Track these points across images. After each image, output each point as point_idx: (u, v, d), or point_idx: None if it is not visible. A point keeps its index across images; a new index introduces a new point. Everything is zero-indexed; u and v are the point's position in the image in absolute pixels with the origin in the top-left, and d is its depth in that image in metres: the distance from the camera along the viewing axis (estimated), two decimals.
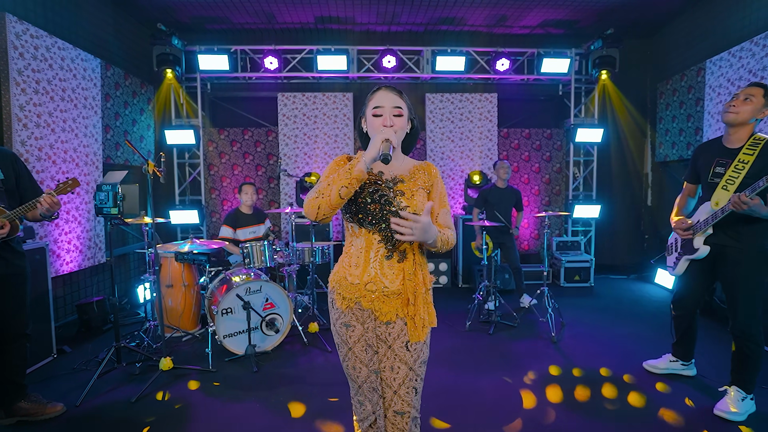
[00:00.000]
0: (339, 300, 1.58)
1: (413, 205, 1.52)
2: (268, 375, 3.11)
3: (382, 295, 1.54)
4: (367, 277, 1.54)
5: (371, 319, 1.57)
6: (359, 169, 1.41)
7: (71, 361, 3.26)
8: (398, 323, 1.56)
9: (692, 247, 2.66)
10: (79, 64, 4.05)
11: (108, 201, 2.84)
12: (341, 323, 1.60)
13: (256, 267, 3.62)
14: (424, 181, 1.61)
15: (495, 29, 5.97)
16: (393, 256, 1.54)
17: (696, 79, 4.94)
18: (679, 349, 2.95)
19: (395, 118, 1.54)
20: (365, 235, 1.55)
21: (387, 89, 1.57)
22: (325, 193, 1.42)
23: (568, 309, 4.52)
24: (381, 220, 1.52)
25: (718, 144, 2.55)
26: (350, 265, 1.58)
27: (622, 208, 6.44)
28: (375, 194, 1.52)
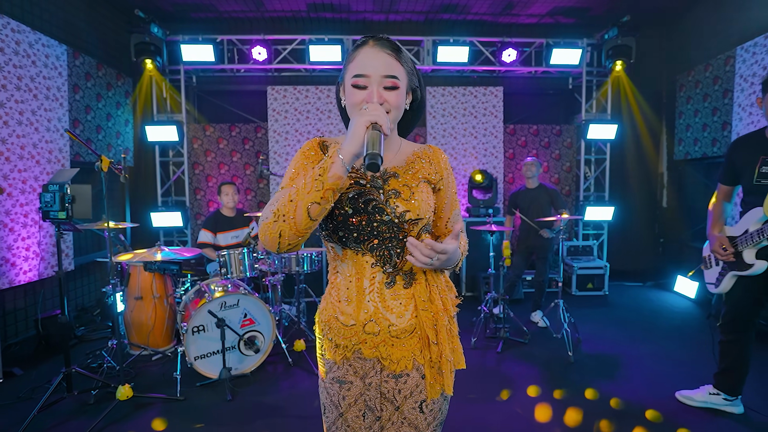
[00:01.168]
0: (331, 349, 1.15)
1: (414, 209, 1.08)
2: (245, 404, 2.69)
3: (389, 336, 1.10)
4: (365, 315, 1.11)
5: (376, 370, 1.13)
6: (336, 174, 0.94)
7: (19, 387, 2.84)
8: (413, 375, 1.12)
9: (743, 263, 2.25)
10: (40, 50, 3.63)
11: (54, 203, 2.43)
12: (333, 378, 1.15)
13: (234, 278, 3.20)
14: (427, 171, 1.15)
15: (500, 18, 5.54)
16: (396, 280, 1.10)
17: (724, 68, 4.50)
18: (724, 381, 2.48)
19: (387, 92, 1.05)
20: (352, 257, 1.11)
21: (375, 44, 1.06)
22: (288, 213, 0.95)
23: (582, 322, 4.09)
24: (371, 236, 1.08)
25: (761, 138, 2.17)
26: (339, 300, 1.14)
27: (636, 210, 6.01)
28: (358, 201, 1.07)
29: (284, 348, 3.28)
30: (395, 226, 1.09)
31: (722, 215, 2.42)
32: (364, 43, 1.07)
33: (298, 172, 1.09)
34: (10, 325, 3.49)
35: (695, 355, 3.37)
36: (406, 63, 1.09)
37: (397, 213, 1.08)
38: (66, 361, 2.58)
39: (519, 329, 3.89)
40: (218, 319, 2.82)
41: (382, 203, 1.08)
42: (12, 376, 3.02)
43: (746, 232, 2.24)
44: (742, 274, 2.28)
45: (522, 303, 4.79)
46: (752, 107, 4.02)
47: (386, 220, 1.08)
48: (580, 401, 2.70)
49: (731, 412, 2.48)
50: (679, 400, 2.64)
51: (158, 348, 3.43)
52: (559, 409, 2.61)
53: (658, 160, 6.03)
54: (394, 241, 1.09)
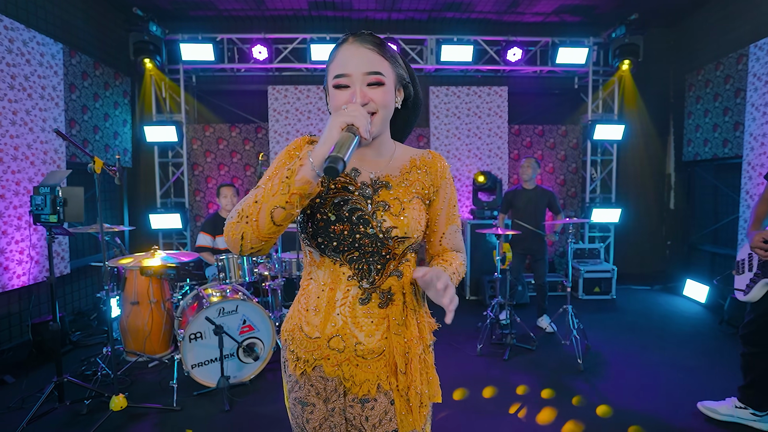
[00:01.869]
0: (292, 362, 1.05)
1: (402, 226, 0.99)
2: (243, 415, 2.59)
3: (354, 355, 1.01)
4: (331, 329, 1.02)
5: (338, 393, 1.03)
6: (303, 177, 0.86)
7: (10, 396, 2.75)
8: (381, 400, 1.02)
9: None
10: (35, 48, 3.54)
11: (45, 206, 2.33)
12: (295, 398, 1.07)
13: (233, 282, 3.11)
14: (423, 184, 1.07)
15: (505, 16, 5.44)
16: (371, 298, 1.01)
17: (736, 67, 4.39)
18: (749, 395, 2.35)
19: (372, 90, 0.95)
20: (329, 266, 1.02)
21: (355, 40, 0.97)
22: (251, 215, 0.89)
23: (590, 327, 3.98)
24: (352, 247, 0.99)
25: None
26: (308, 308, 1.05)
27: (643, 212, 5.89)
28: (343, 208, 0.99)
29: None
30: (379, 241, 0.99)
31: (765, 215, 2.26)
32: (343, 41, 0.98)
33: (276, 173, 0.98)
34: (3, 330, 3.39)
35: (711, 363, 3.25)
36: (392, 57, 0.99)
37: (383, 228, 0.99)
38: (58, 370, 2.48)
39: (526, 335, 3.78)
40: (216, 326, 2.72)
41: (368, 215, 0.99)
42: (3, 384, 2.93)
43: None
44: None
45: (527, 307, 4.68)
46: (766, 106, 3.91)
47: (370, 233, 0.99)
48: (593, 413, 2.59)
49: (759, 429, 2.35)
50: (701, 411, 2.51)
51: (155, 354, 3.33)
52: (572, 421, 2.50)
53: (666, 161, 5.92)
54: (376, 257, 1.01)
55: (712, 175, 5.00)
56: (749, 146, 4.11)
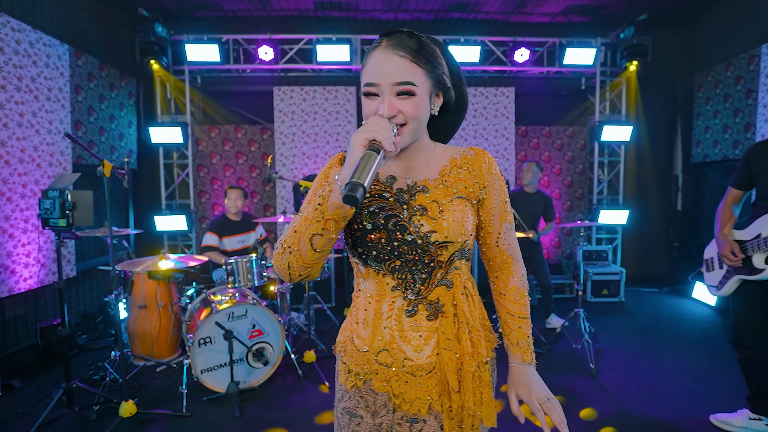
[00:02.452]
0: (343, 373, 1.04)
1: (442, 229, 0.93)
2: (253, 421, 2.56)
3: (402, 372, 0.97)
4: (379, 343, 0.98)
5: (387, 409, 0.99)
6: (334, 203, 0.82)
7: (18, 401, 2.72)
8: (431, 423, 0.98)
9: (752, 267, 2.18)
10: (41, 49, 3.52)
11: (54, 210, 2.30)
12: (343, 408, 1.04)
13: (242, 286, 3.07)
14: (466, 183, 0.99)
15: (512, 17, 5.41)
16: (418, 310, 0.97)
17: (747, 68, 4.35)
18: (758, 404, 2.32)
19: (401, 101, 0.88)
20: (374, 276, 0.99)
21: (388, 45, 0.89)
22: (293, 245, 0.88)
23: (601, 330, 3.94)
24: (392, 256, 0.95)
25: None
26: (357, 321, 1.03)
27: (650, 213, 5.85)
28: (379, 215, 0.95)
29: (294, 359, 3.14)
30: (419, 247, 0.95)
31: (731, 218, 2.36)
32: (378, 44, 0.92)
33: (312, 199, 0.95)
34: (9, 333, 3.37)
35: (723, 369, 3.21)
36: (429, 62, 0.90)
37: (421, 233, 0.94)
38: (66, 375, 2.45)
39: (536, 338, 3.74)
40: (226, 331, 2.69)
41: (404, 220, 0.95)
42: (11, 389, 2.90)
43: (759, 236, 2.18)
44: (751, 278, 2.20)
45: (534, 310, 4.63)
46: None
47: (408, 240, 0.95)
48: (608, 419, 2.55)
49: None
50: (714, 424, 2.47)
51: (162, 359, 3.31)
52: (588, 429, 2.47)
53: (673, 162, 5.88)
54: (419, 265, 0.96)
55: (722, 177, 4.95)
56: None
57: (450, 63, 0.98)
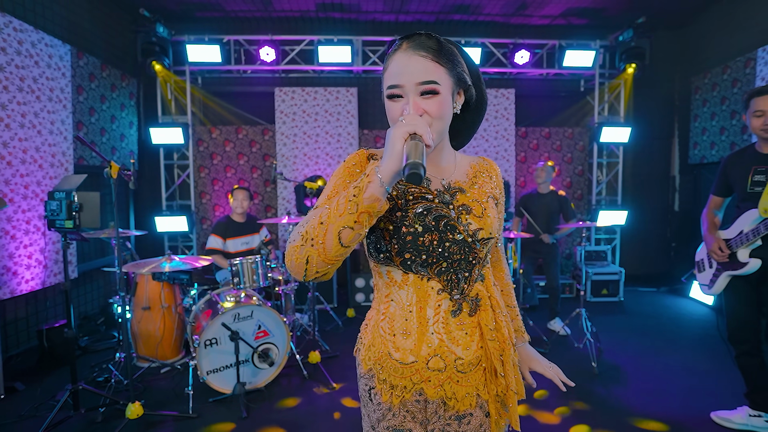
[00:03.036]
0: (385, 391, 1.00)
1: (487, 226, 0.98)
2: (260, 421, 2.56)
3: (455, 372, 0.98)
4: (428, 350, 0.98)
5: (438, 415, 1.01)
6: (372, 194, 0.81)
7: (22, 404, 2.70)
8: (477, 414, 1.01)
9: (737, 262, 2.28)
10: (43, 49, 3.50)
11: (61, 212, 2.29)
12: (387, 427, 1.01)
13: (247, 287, 3.07)
14: (490, 186, 1.06)
15: (512, 19, 5.44)
16: (462, 308, 0.99)
17: (743, 71, 4.41)
18: (757, 400, 2.37)
19: (426, 101, 0.91)
20: (415, 283, 0.98)
21: (409, 46, 0.91)
22: (317, 237, 0.83)
23: (601, 330, 3.97)
24: (440, 258, 0.96)
25: (752, 151, 2.29)
26: (393, 333, 1.00)
27: (648, 214, 5.90)
28: (427, 217, 0.95)
29: (299, 360, 3.15)
30: (467, 246, 0.98)
31: (714, 222, 2.49)
32: (398, 46, 0.94)
33: (337, 190, 0.96)
34: (11, 335, 3.35)
35: (723, 367, 3.25)
36: (450, 61, 0.93)
37: (470, 231, 0.97)
38: (72, 377, 2.44)
39: (538, 338, 3.78)
40: (232, 332, 2.69)
41: (453, 220, 0.97)
42: (14, 392, 2.88)
43: (741, 232, 2.28)
44: (736, 273, 2.29)
45: (538, 310, 4.67)
46: None
47: (459, 239, 0.97)
48: (611, 418, 2.58)
49: None
50: (715, 421, 2.51)
51: (167, 360, 3.30)
52: (592, 426, 2.49)
53: (671, 164, 5.93)
54: (463, 264, 0.99)
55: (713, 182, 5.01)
56: None
57: (468, 62, 1.00)
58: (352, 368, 3.31)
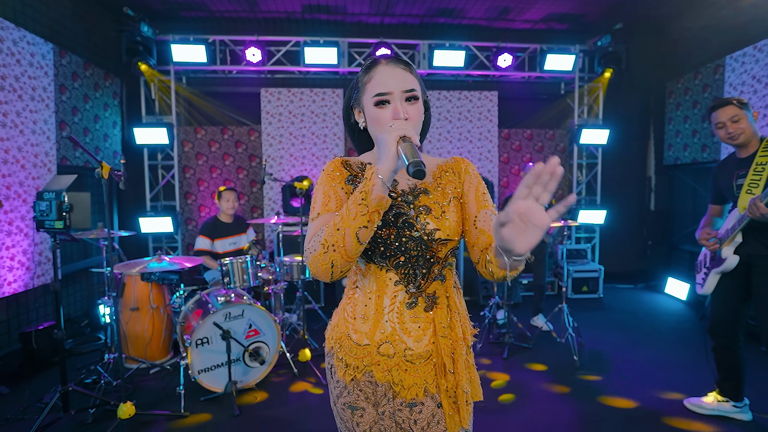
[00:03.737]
0: (341, 368, 1.10)
1: (445, 228, 1.05)
2: (253, 419, 2.59)
3: (403, 361, 1.05)
4: (381, 336, 1.06)
5: (388, 398, 1.08)
6: (377, 195, 0.91)
7: (7, 407, 2.67)
8: (428, 404, 1.07)
9: (720, 258, 2.40)
10: (25, 48, 3.45)
11: (51, 212, 2.28)
12: (344, 403, 1.11)
13: (237, 287, 3.09)
14: (454, 184, 1.12)
15: (495, 23, 5.57)
16: (418, 302, 1.06)
17: (713, 77, 4.63)
18: (726, 388, 2.52)
19: (409, 106, 1.04)
20: (375, 272, 1.08)
21: (391, 63, 1.06)
22: (337, 242, 0.93)
23: (582, 325, 4.11)
24: (398, 252, 1.05)
25: (733, 159, 2.44)
26: (354, 317, 1.10)
27: (626, 213, 6.11)
28: (388, 213, 1.05)
29: (289, 358, 3.18)
30: (423, 243, 1.05)
31: (711, 225, 2.60)
32: (375, 63, 1.08)
33: (329, 196, 1.06)
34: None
35: (696, 358, 3.42)
36: (418, 77, 1.10)
37: (427, 230, 1.05)
38: (62, 377, 2.43)
39: (522, 334, 3.89)
40: (224, 331, 2.71)
41: (412, 218, 1.05)
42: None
43: (726, 230, 2.41)
44: (720, 269, 2.40)
45: (521, 307, 4.81)
46: None
47: (415, 236, 1.05)
48: (592, 407, 2.70)
49: (741, 419, 2.50)
50: (688, 408, 2.66)
51: (156, 361, 3.29)
52: (573, 416, 2.60)
53: (647, 165, 6.16)
54: (421, 260, 1.06)
55: (691, 178, 5.24)
56: (725, 151, 4.34)
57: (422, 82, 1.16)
58: None
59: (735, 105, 2.30)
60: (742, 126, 2.28)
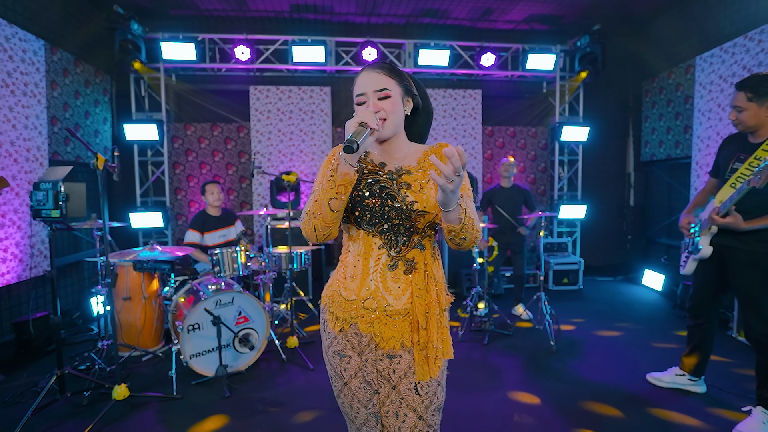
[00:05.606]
0: (331, 320, 1.29)
1: (422, 201, 1.21)
2: (243, 400, 2.71)
3: (384, 315, 1.22)
4: (366, 292, 1.24)
5: (370, 347, 1.25)
6: (342, 172, 1.14)
7: (3, 392, 2.76)
8: (405, 357, 1.24)
9: (697, 247, 2.50)
10: (17, 44, 3.52)
11: (47, 202, 2.38)
12: (334, 351, 1.29)
13: (227, 276, 3.21)
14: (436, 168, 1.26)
15: (479, 23, 5.74)
16: (398, 265, 1.23)
17: (685, 76, 4.85)
18: (688, 363, 2.71)
19: (382, 102, 1.24)
20: (363, 238, 1.26)
21: (369, 69, 1.26)
22: (316, 211, 1.18)
23: (560, 314, 4.30)
24: (382, 219, 1.22)
25: (743, 138, 2.36)
26: (345, 276, 1.29)
27: (606, 208, 6.33)
28: (374, 186, 1.24)
29: (278, 345, 3.31)
30: (404, 213, 1.21)
31: (702, 203, 2.60)
32: (362, 71, 1.28)
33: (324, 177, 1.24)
34: None
35: (664, 340, 3.63)
36: (400, 77, 1.27)
37: (407, 202, 1.21)
38: (59, 361, 2.53)
39: (503, 322, 4.06)
40: (214, 317, 2.83)
41: (394, 191, 1.23)
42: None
43: (704, 219, 2.46)
44: (696, 257, 2.52)
45: (503, 298, 4.98)
46: (710, 112, 4.36)
47: (396, 206, 1.22)
48: (563, 386, 2.87)
49: (695, 391, 2.71)
50: (649, 381, 2.86)
51: (148, 348, 3.39)
52: (545, 394, 2.77)
53: (626, 161, 6.38)
54: (402, 229, 1.23)
55: (666, 174, 5.47)
56: (697, 147, 4.56)
57: (416, 83, 1.35)
58: None
59: (744, 95, 2.20)
60: (742, 117, 2.23)
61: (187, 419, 2.49)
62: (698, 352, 2.66)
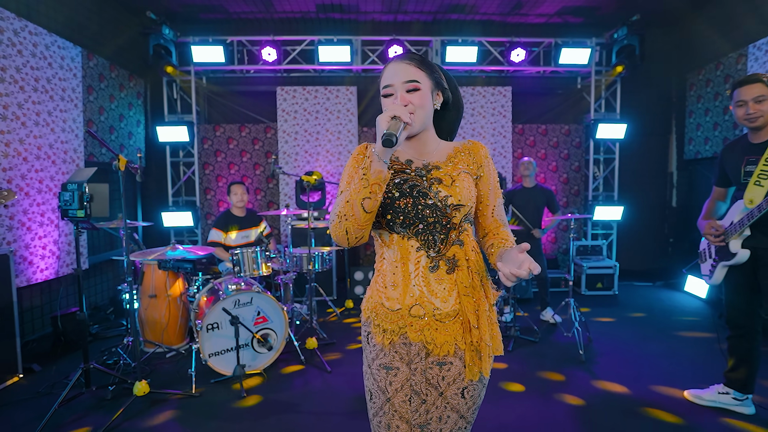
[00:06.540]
0: (378, 334, 1.22)
1: (456, 194, 1.16)
2: (259, 401, 2.72)
3: (433, 320, 1.17)
4: (410, 299, 1.18)
5: (420, 356, 1.19)
6: (376, 169, 1.07)
7: (38, 383, 2.90)
8: (455, 364, 1.18)
9: (729, 252, 2.34)
10: (56, 51, 3.69)
11: (73, 202, 2.47)
12: (379, 365, 1.22)
13: (247, 276, 3.24)
14: (467, 162, 1.23)
15: (509, 18, 5.55)
16: (439, 265, 1.17)
17: (735, 67, 4.48)
18: (733, 378, 2.48)
19: (410, 95, 1.16)
20: (398, 242, 1.19)
21: (397, 61, 1.19)
22: (348, 212, 1.10)
23: (592, 321, 4.09)
24: (416, 219, 1.16)
25: (745, 142, 2.32)
26: (385, 286, 1.22)
27: (645, 209, 5.98)
28: (404, 185, 1.17)
29: (296, 346, 3.31)
30: (438, 210, 1.15)
31: (714, 211, 2.54)
32: (390, 61, 1.21)
33: (352, 176, 1.19)
34: (27, 322, 3.55)
35: (707, 354, 3.36)
36: (430, 68, 1.20)
37: (440, 197, 1.16)
38: (84, 357, 2.62)
39: (529, 328, 3.90)
40: (232, 317, 2.86)
41: (425, 188, 1.16)
42: (31, 372, 3.08)
43: (732, 223, 2.34)
44: (730, 263, 2.35)
45: (530, 302, 4.79)
46: None
47: (430, 203, 1.15)
48: (590, 399, 2.70)
49: (742, 412, 2.46)
50: (687, 399, 2.64)
51: (172, 345, 3.48)
52: (571, 407, 2.62)
53: (668, 160, 6.00)
54: (438, 227, 1.17)
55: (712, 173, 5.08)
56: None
57: (446, 76, 1.29)
58: (348, 354, 3.46)
59: (764, 83, 2.16)
60: (765, 108, 2.16)
61: (203, 417, 2.52)
62: (744, 366, 2.43)
